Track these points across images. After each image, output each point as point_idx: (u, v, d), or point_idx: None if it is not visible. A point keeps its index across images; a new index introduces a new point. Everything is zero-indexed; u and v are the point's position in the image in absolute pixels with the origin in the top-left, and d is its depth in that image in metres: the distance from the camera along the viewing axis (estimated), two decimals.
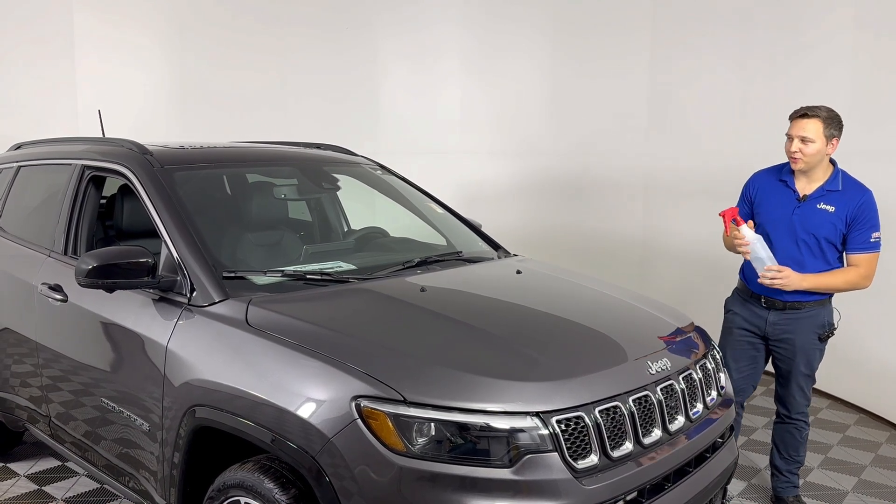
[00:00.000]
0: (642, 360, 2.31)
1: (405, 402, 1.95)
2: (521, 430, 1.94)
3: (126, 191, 3.20)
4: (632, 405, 2.15)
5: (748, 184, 3.36)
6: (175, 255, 2.59)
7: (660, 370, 2.30)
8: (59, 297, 2.99)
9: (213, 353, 2.36)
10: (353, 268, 2.91)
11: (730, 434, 2.65)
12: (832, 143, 3.09)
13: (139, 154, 3.02)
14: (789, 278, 3.07)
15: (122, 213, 3.26)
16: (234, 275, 2.57)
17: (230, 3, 6.50)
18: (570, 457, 1.98)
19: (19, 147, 4.05)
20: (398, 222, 3.64)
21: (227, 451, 2.38)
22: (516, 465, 1.92)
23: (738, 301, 3.39)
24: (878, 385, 4.70)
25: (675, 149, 5.99)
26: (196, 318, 2.44)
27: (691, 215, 5.83)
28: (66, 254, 3.14)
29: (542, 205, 6.75)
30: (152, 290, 2.60)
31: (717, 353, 2.74)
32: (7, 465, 3.81)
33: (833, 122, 3.08)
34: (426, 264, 3.01)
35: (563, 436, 1.98)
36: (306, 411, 2.03)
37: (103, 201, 3.40)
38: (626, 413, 2.13)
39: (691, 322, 2.90)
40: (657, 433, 2.21)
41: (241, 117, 6.44)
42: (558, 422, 1.98)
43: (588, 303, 2.92)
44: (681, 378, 2.38)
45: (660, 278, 6.18)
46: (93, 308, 2.83)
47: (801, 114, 3.10)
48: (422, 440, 1.94)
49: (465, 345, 2.27)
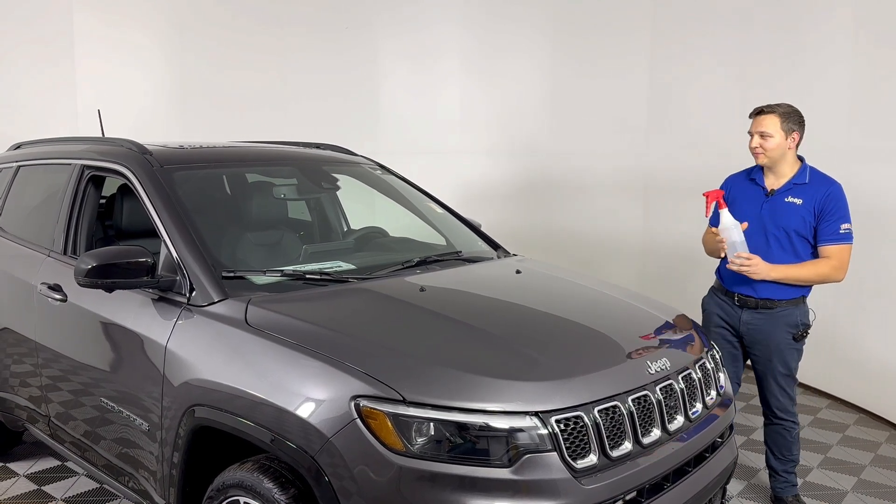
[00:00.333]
0: (641, 359, 2.31)
1: (404, 402, 1.95)
2: (520, 430, 1.94)
3: (125, 190, 3.20)
4: (631, 405, 2.15)
5: (722, 187, 3.39)
6: (174, 254, 2.58)
7: (659, 370, 2.30)
8: (58, 296, 2.99)
9: (212, 353, 2.36)
10: (353, 267, 2.91)
11: (729, 434, 2.65)
12: (792, 136, 3.15)
13: (139, 154, 3.02)
14: (757, 266, 3.09)
15: (121, 213, 3.26)
16: (233, 274, 2.57)
17: (230, 3, 6.50)
18: (570, 456, 1.98)
19: (19, 147, 4.05)
20: (398, 222, 3.64)
21: (226, 450, 2.38)
22: (515, 465, 1.92)
23: (713, 300, 3.42)
24: (877, 385, 4.70)
25: (675, 149, 5.99)
26: (195, 317, 2.44)
27: (691, 215, 5.82)
28: (65, 253, 3.14)
29: (541, 204, 6.75)
30: (152, 290, 2.60)
31: (716, 352, 2.74)
32: (7, 464, 3.81)
33: (791, 117, 3.15)
34: (426, 264, 3.01)
35: (562, 435, 1.98)
36: (305, 411, 2.03)
37: (103, 201, 3.40)
38: (625, 413, 2.13)
39: (691, 322, 2.90)
40: (656, 433, 2.21)
41: (241, 117, 6.44)
42: (557, 421, 1.98)
43: (587, 302, 2.92)
44: (680, 378, 2.38)
45: (659, 278, 6.18)
46: (92, 308, 2.83)
47: (759, 111, 3.19)
48: (421, 440, 1.94)
49: (465, 344, 2.27)
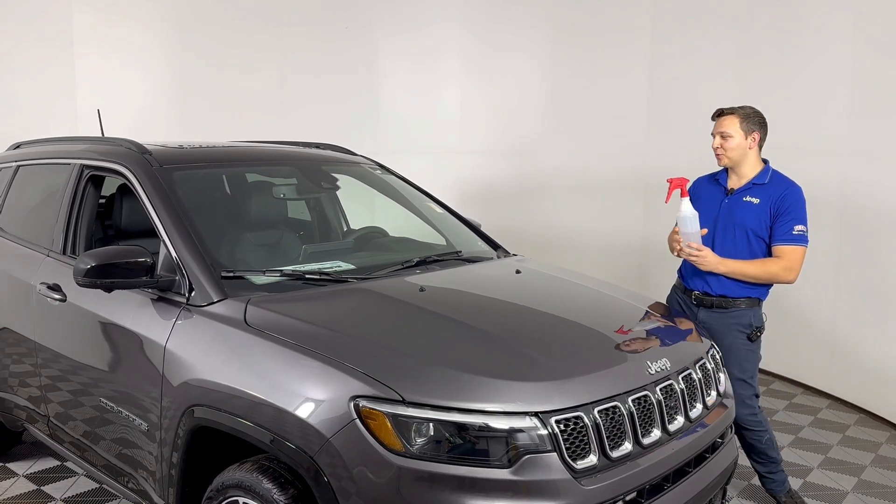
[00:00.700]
0: (641, 360, 2.31)
1: (404, 402, 1.94)
2: (519, 431, 1.94)
3: (125, 190, 3.19)
4: (631, 405, 2.15)
5: (689, 189, 3.39)
6: (174, 254, 2.58)
7: (659, 370, 2.30)
8: (57, 296, 2.99)
9: (211, 353, 2.36)
10: (353, 267, 2.91)
11: (730, 434, 2.64)
12: (752, 136, 3.19)
13: (138, 154, 3.01)
14: (706, 258, 3.11)
15: (120, 213, 3.25)
16: (232, 274, 2.57)
17: (230, 3, 6.50)
18: (570, 457, 1.97)
19: (18, 146, 4.05)
20: (397, 222, 3.64)
21: (225, 451, 2.38)
22: (515, 466, 1.92)
23: (674, 298, 3.45)
24: (878, 385, 4.70)
25: (675, 148, 5.98)
26: (195, 317, 2.44)
27: None
28: (64, 253, 3.14)
29: (541, 204, 6.75)
30: (151, 290, 2.60)
31: (716, 352, 2.74)
32: (6, 464, 3.81)
33: (751, 118, 3.19)
34: (425, 264, 3.01)
35: (562, 436, 1.97)
36: (305, 411, 2.02)
37: (102, 201, 3.40)
38: (625, 413, 2.12)
39: (691, 322, 2.90)
40: (656, 433, 2.21)
41: (241, 117, 6.44)
42: (557, 422, 1.98)
43: (587, 303, 2.92)
44: (680, 378, 2.37)
45: (660, 278, 6.17)
46: (91, 308, 2.82)
47: (719, 112, 3.24)
48: (420, 440, 1.94)
49: (464, 345, 2.27)
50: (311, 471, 2.01)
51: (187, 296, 2.49)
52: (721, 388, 2.64)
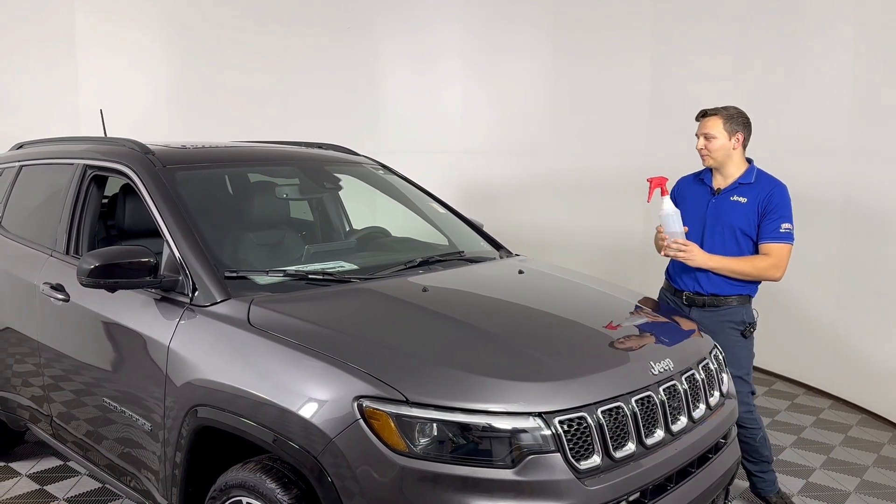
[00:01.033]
0: (645, 360, 2.31)
1: (407, 403, 1.94)
2: (523, 431, 1.94)
3: (128, 190, 3.20)
4: (634, 406, 2.15)
5: (673, 189, 3.42)
6: (177, 254, 2.58)
7: (662, 370, 2.30)
8: (60, 296, 2.99)
9: (214, 353, 2.36)
10: (355, 268, 2.91)
11: (733, 434, 2.64)
12: (736, 137, 3.20)
13: (141, 154, 3.02)
14: (693, 253, 3.12)
15: (123, 213, 3.26)
16: (235, 274, 2.57)
17: (232, 3, 6.51)
18: (573, 457, 1.97)
19: (21, 146, 4.06)
20: (400, 222, 3.64)
21: (228, 451, 2.38)
22: (519, 466, 1.92)
23: (664, 301, 3.43)
24: (880, 385, 4.70)
25: (677, 148, 5.97)
26: (198, 317, 2.44)
27: None
28: (67, 253, 3.14)
29: (543, 204, 6.74)
30: (154, 290, 2.60)
31: (719, 353, 2.74)
32: (9, 464, 3.81)
33: (735, 119, 3.20)
34: (428, 264, 3.01)
35: (565, 436, 1.97)
36: (308, 411, 2.03)
37: (105, 201, 3.40)
38: (628, 413, 2.12)
39: (694, 323, 2.90)
40: (660, 434, 2.21)
41: (243, 117, 6.44)
42: (561, 422, 1.98)
43: (590, 303, 2.92)
44: (683, 378, 2.37)
45: (662, 279, 6.17)
46: (94, 308, 2.83)
47: (703, 113, 3.26)
48: (424, 440, 1.94)
49: (468, 345, 2.27)
50: (315, 471, 2.01)
51: (191, 296, 2.50)
52: (724, 388, 2.64)
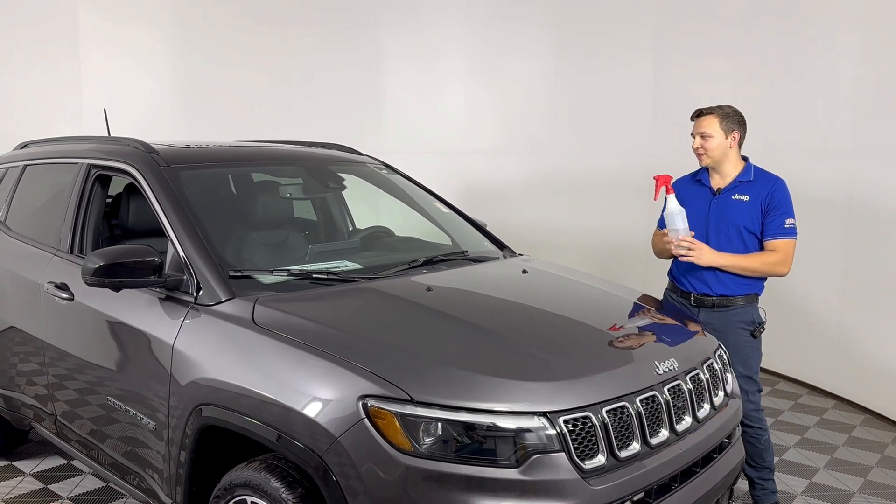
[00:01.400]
0: (649, 360, 2.31)
1: (412, 402, 1.94)
2: (528, 430, 1.94)
3: (132, 190, 3.20)
4: (639, 405, 2.15)
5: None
6: (181, 254, 2.59)
7: (667, 370, 2.30)
8: (65, 295, 3.00)
9: (219, 352, 2.36)
10: (359, 267, 2.91)
11: (737, 434, 2.64)
12: (732, 135, 3.20)
13: (145, 153, 3.02)
14: (702, 251, 3.10)
15: (128, 212, 3.26)
16: (240, 274, 2.57)
17: (235, 2, 6.52)
18: (578, 457, 1.97)
19: (25, 146, 4.06)
20: (403, 222, 3.64)
21: (233, 449, 2.38)
22: (523, 466, 1.92)
23: (668, 302, 3.38)
24: (884, 385, 4.69)
25: (680, 148, 5.97)
26: (202, 317, 2.44)
27: None
28: (72, 253, 3.15)
29: (547, 204, 6.74)
30: (159, 289, 2.61)
31: (723, 353, 2.74)
32: (13, 463, 3.82)
33: (730, 117, 3.19)
34: (432, 264, 3.01)
35: (570, 436, 1.97)
36: (313, 410, 2.03)
37: (109, 200, 3.41)
38: (633, 413, 2.12)
39: (699, 323, 2.89)
40: (664, 433, 2.21)
41: (247, 116, 6.45)
42: (565, 422, 1.98)
43: (594, 302, 2.92)
44: (688, 378, 2.37)
45: (664, 279, 6.17)
46: (99, 307, 2.83)
47: (699, 112, 3.25)
48: (429, 440, 1.94)
49: (472, 344, 2.27)
50: (320, 470, 2.01)
51: (195, 295, 2.50)
52: (728, 388, 2.64)
